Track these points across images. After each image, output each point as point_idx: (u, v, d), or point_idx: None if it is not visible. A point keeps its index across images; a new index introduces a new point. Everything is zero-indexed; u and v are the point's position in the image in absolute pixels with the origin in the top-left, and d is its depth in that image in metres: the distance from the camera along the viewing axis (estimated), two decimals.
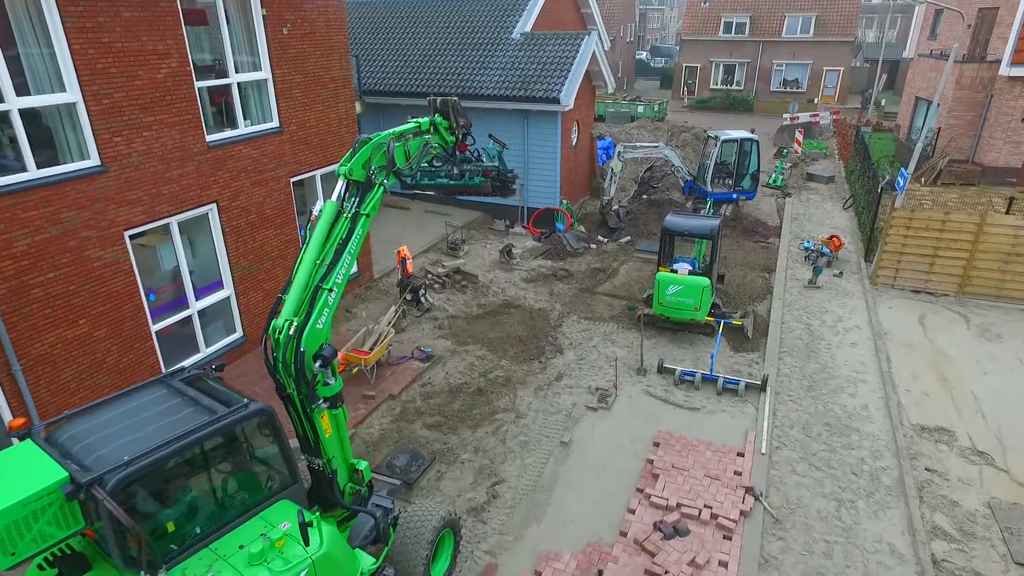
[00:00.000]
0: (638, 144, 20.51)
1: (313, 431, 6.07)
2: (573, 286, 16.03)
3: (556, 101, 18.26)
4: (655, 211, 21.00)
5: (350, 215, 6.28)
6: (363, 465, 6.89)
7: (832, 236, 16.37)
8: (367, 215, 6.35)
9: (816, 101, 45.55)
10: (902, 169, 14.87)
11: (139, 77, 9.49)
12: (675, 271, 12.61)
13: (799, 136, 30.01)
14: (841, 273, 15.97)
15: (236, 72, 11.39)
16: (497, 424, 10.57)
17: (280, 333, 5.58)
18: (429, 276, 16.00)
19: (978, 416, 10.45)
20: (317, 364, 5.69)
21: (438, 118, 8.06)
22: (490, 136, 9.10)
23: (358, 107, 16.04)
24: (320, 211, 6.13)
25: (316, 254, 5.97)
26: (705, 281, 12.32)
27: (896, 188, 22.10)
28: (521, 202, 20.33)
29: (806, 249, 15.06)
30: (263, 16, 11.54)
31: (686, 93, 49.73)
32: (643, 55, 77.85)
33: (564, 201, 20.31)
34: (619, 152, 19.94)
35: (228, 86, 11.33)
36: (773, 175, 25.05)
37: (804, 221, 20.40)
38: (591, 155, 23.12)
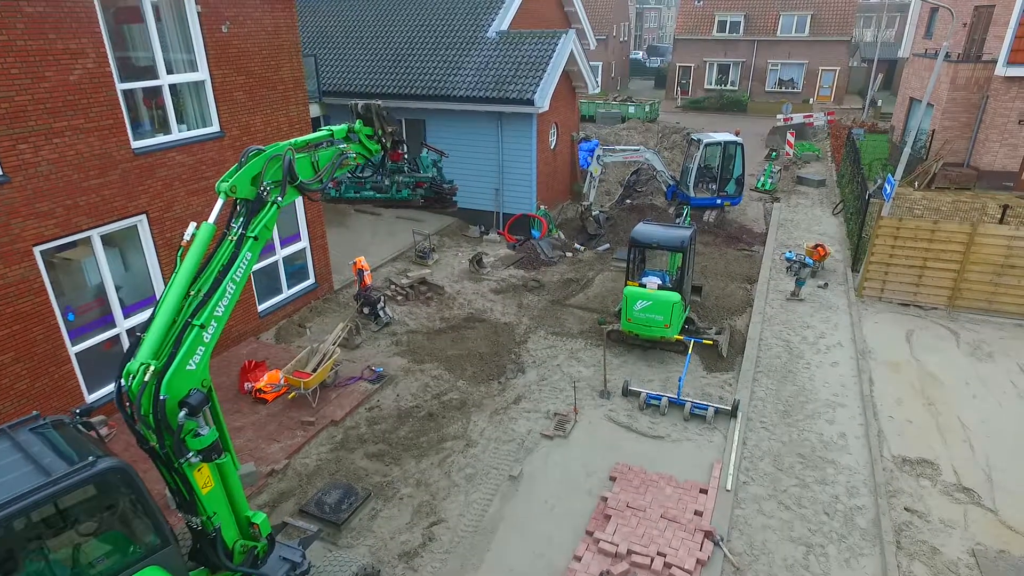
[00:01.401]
0: (618, 147, 19.73)
1: (186, 486, 5.28)
2: (543, 298, 15.22)
3: (530, 103, 17.46)
4: (636, 217, 20.14)
5: (235, 237, 5.48)
6: (260, 518, 6.09)
7: (817, 245, 15.54)
8: (255, 238, 5.54)
9: (811, 101, 44.72)
10: (889, 175, 14.05)
11: (47, 79, 8.70)
12: (643, 285, 11.81)
13: (790, 138, 29.19)
14: (826, 284, 15.15)
15: (168, 73, 10.60)
16: (444, 454, 9.77)
17: (134, 379, 4.78)
18: (392, 287, 15.21)
19: (965, 446, 9.63)
20: (182, 413, 4.89)
21: (359, 125, 7.29)
22: (423, 144, 8.35)
23: (317, 109, 15.27)
24: (193, 234, 5.31)
25: (186, 284, 5.16)
26: (675, 297, 11.51)
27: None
28: (496, 207, 19.54)
29: (788, 260, 14.26)
30: (198, 13, 10.75)
31: (680, 93, 48.91)
32: (639, 55, 77.08)
33: (542, 207, 19.51)
34: (598, 156, 19.14)
35: (159, 88, 10.54)
36: (762, 178, 24.23)
37: (791, 228, 19.58)
38: (571, 158, 22.32)
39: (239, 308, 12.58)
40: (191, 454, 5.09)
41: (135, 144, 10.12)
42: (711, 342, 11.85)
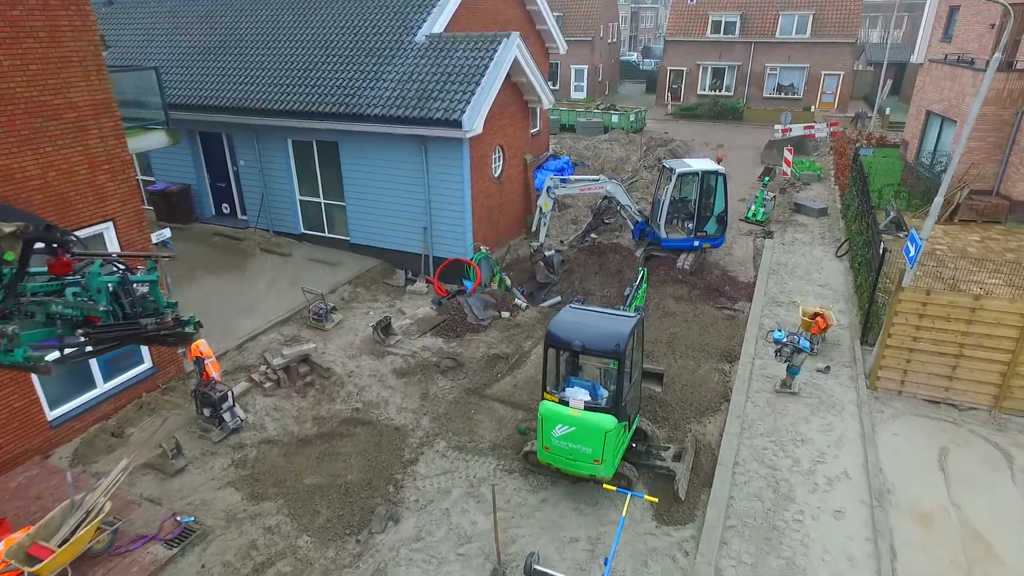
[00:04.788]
0: (573, 177, 16.16)
1: None
2: (459, 383, 11.68)
3: (458, 124, 13.92)
4: (595, 261, 16.61)
5: None
6: None
7: (816, 314, 11.97)
8: None
9: (813, 109, 41.09)
10: (912, 232, 10.51)
11: None
12: (565, 402, 8.26)
13: (788, 155, 25.57)
14: (828, 368, 11.56)
15: None
16: None
17: None
18: (263, 369, 11.68)
19: None
20: None
21: None
22: (86, 254, 4.80)
23: (163, 138, 11.76)
24: None
25: None
26: (609, 422, 7.96)
27: (897, 228, 17.71)
28: (425, 250, 16.00)
29: (777, 342, 10.75)
30: None
31: (671, 99, 45.32)
32: (633, 56, 73.55)
33: (482, 248, 15.96)
34: (548, 187, 15.58)
35: None
36: (752, 206, 20.63)
37: (785, 275, 15.97)
38: (525, 185, 18.75)
39: (13, 418, 9.10)
40: None
41: None
42: (655, 500, 8.17)
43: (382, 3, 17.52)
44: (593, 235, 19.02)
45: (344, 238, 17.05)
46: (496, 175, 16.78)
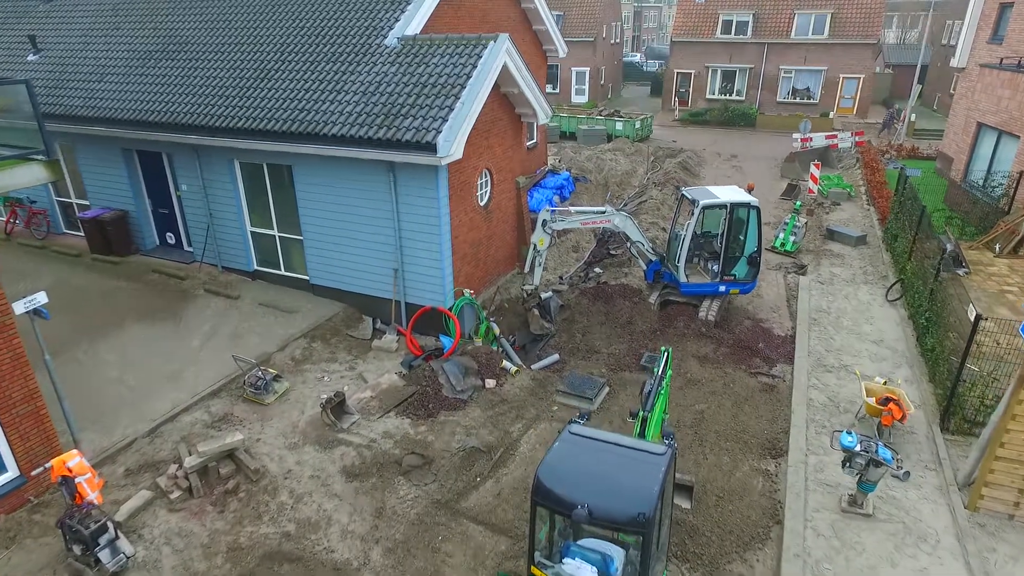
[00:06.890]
0: (574, 209, 13.43)
1: None
2: (425, 491, 8.99)
3: (431, 148, 11.25)
4: (601, 307, 13.91)
5: None
6: None
7: (888, 399, 9.27)
8: None
9: (832, 115, 38.35)
10: None
11: None
12: None
13: (815, 170, 22.84)
14: (907, 474, 8.84)
15: None
16: None
17: None
18: (174, 470, 8.99)
19: None
20: None
21: None
22: None
23: (39, 172, 9.04)
24: None
25: None
26: None
27: (955, 264, 14.99)
28: (397, 295, 13.32)
29: (846, 449, 8.06)
30: None
31: (678, 104, 42.62)
32: (637, 57, 70.92)
33: (466, 291, 13.30)
34: (543, 220, 12.91)
35: None
36: (781, 234, 17.93)
37: (830, 327, 13.26)
38: (517, 213, 16.03)
39: None
40: None
41: None
42: None
43: (349, 2, 14.84)
44: (597, 269, 16.38)
45: (303, 277, 14.37)
46: (483, 203, 14.09)
